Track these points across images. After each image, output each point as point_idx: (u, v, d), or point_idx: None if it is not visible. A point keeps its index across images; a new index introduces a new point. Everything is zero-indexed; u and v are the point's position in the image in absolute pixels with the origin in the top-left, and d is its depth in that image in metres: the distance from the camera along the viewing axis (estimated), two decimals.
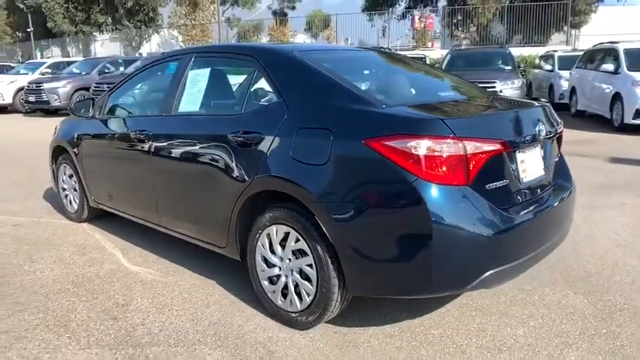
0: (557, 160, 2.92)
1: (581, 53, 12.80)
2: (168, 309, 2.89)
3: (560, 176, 2.87)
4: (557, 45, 21.64)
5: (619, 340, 2.49)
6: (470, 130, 2.20)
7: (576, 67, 12.33)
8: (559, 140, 2.96)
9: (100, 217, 4.49)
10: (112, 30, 32.85)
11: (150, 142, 3.32)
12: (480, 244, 2.16)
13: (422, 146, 2.10)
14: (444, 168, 2.11)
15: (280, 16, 29.59)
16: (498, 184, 2.30)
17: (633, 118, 9.17)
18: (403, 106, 2.41)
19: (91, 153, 4.04)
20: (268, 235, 2.65)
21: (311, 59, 2.76)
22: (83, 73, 14.82)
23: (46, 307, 2.94)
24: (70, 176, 4.45)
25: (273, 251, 2.65)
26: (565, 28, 23.59)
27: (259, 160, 2.60)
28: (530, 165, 2.54)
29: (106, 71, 14.82)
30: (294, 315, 2.60)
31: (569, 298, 2.93)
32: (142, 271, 3.43)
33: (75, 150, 4.17)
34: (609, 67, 10.21)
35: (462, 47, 15.27)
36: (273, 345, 2.49)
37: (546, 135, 2.64)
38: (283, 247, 2.60)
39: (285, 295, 2.65)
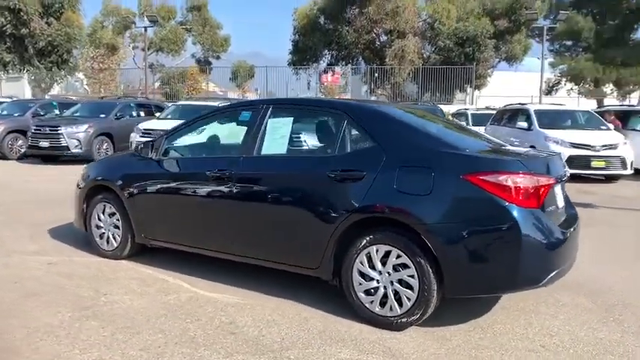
0: (564, 195, 3.89)
1: (494, 112, 14.89)
2: (274, 323, 3.33)
3: (569, 207, 3.81)
4: (459, 103, 24.57)
5: (626, 323, 3.40)
6: (536, 168, 3.07)
7: (490, 124, 14.29)
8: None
9: (137, 255, 4.69)
10: (20, 70, 31.05)
11: (231, 181, 3.78)
12: (549, 251, 2.98)
13: (511, 180, 2.91)
14: (526, 195, 2.93)
15: (204, 64, 30.15)
16: (552, 208, 3.17)
17: None
18: (479, 150, 3.23)
19: (148, 191, 4.33)
20: (368, 254, 3.26)
21: (394, 113, 3.51)
22: (15, 114, 14.14)
23: (160, 329, 3.23)
24: (111, 215, 4.65)
25: (372, 267, 3.25)
26: (467, 88, 26.84)
27: (362, 192, 3.24)
28: (558, 196, 3.46)
29: (41, 114, 14.28)
30: (392, 319, 3.20)
31: (577, 299, 3.84)
32: (221, 297, 3.79)
33: (126, 189, 4.43)
34: (523, 124, 12.10)
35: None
36: (385, 342, 3.07)
37: (564, 175, 3.59)
38: (383, 263, 3.22)
39: (382, 304, 3.24)
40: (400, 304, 3.18)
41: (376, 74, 26.75)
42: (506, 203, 2.90)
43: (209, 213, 3.99)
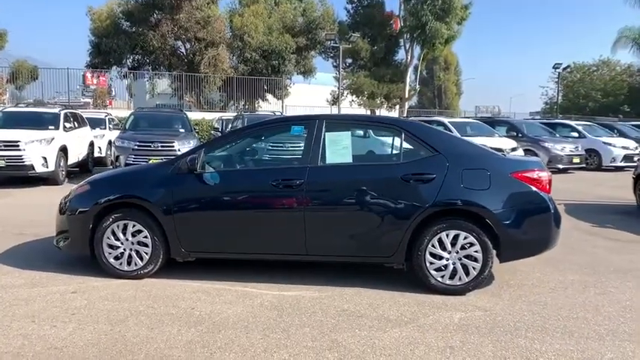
0: None
1: None
2: (377, 305, 3.97)
3: None
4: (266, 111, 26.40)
5: (572, 268, 5.10)
6: (543, 165, 4.46)
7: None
8: None
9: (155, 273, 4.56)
10: None
11: (302, 188, 4.21)
12: (558, 223, 4.39)
13: (541, 174, 4.24)
14: (547, 185, 4.29)
15: None
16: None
17: None
18: (507, 155, 4.48)
19: (195, 204, 4.35)
20: (439, 239, 4.18)
21: (437, 128, 4.50)
22: None
23: (299, 324, 3.57)
24: (135, 233, 4.41)
25: (443, 249, 4.19)
26: (269, 97, 28.77)
27: (435, 191, 4.14)
28: None
29: None
30: (463, 286, 4.20)
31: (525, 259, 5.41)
32: (303, 293, 4.18)
33: (163, 204, 4.31)
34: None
35: (145, 109, 15.73)
36: (470, 303, 4.05)
37: None
38: (452, 244, 4.18)
39: (452, 276, 4.20)
40: (467, 274, 4.20)
41: (179, 82, 26.20)
42: (540, 192, 4.22)
43: (277, 220, 4.30)
